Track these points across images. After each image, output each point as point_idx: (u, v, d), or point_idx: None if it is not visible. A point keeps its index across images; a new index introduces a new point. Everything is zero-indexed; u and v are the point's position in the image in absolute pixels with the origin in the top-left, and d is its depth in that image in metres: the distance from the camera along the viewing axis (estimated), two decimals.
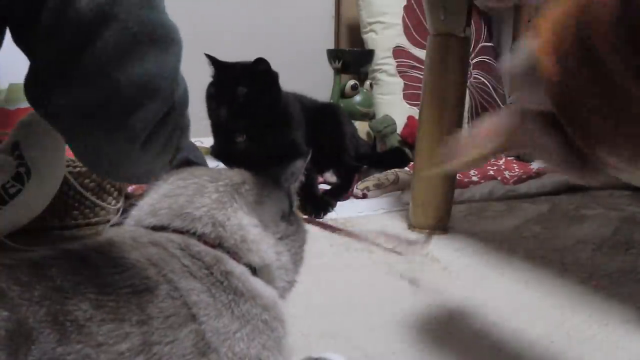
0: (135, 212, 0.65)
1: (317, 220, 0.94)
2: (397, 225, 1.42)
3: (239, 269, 0.60)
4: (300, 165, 0.70)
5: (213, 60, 1.57)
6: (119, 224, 0.69)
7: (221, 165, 1.58)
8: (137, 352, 0.47)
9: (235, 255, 0.61)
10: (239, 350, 0.54)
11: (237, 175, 0.68)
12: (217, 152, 1.68)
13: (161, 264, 0.54)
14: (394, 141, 2.10)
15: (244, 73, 1.55)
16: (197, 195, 0.64)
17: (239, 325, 0.55)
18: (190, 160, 0.74)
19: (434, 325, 0.91)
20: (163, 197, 0.65)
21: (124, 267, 0.52)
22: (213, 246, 0.60)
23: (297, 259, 0.70)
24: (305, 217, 0.94)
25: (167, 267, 0.54)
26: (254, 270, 0.63)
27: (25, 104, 1.40)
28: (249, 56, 1.79)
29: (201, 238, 0.61)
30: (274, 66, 1.63)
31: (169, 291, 0.52)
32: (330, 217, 1.49)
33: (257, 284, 0.61)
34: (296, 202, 0.71)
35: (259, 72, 1.54)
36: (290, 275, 0.69)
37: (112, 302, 0.48)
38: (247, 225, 0.64)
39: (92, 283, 0.49)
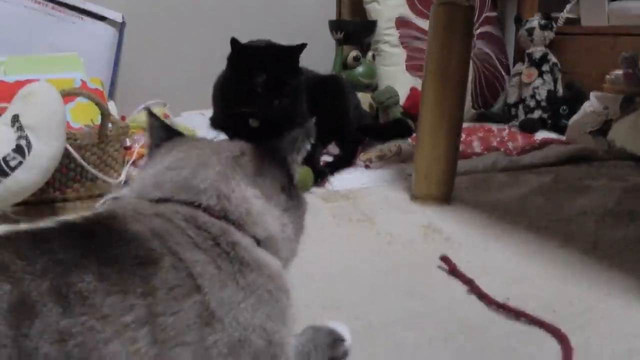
0: (136, 185, 0.65)
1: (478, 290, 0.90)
2: (399, 197, 1.42)
3: (245, 240, 0.60)
4: (299, 137, 0.69)
5: (240, 46, 1.53)
6: (116, 197, 0.68)
7: (222, 136, 1.57)
8: (142, 323, 0.47)
9: (240, 227, 0.61)
10: (243, 320, 0.54)
11: (236, 147, 0.68)
12: (218, 123, 1.67)
13: (165, 236, 0.54)
14: (396, 112, 2.08)
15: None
16: (200, 167, 0.64)
17: (244, 295, 0.55)
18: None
19: (436, 295, 0.92)
20: (166, 169, 0.64)
21: (127, 240, 0.52)
22: (218, 218, 0.60)
23: (298, 228, 0.70)
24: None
25: (172, 239, 0.54)
26: (258, 242, 0.63)
27: (24, 76, 1.39)
28: (250, 28, 1.77)
29: (206, 210, 0.60)
30: (275, 37, 1.61)
31: (173, 263, 0.52)
32: (333, 189, 1.49)
33: (262, 255, 0.61)
34: (297, 174, 0.71)
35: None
36: (293, 244, 0.69)
37: (115, 274, 0.48)
38: (250, 197, 0.64)
39: (95, 255, 0.49)
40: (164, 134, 0.71)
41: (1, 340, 0.41)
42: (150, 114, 0.72)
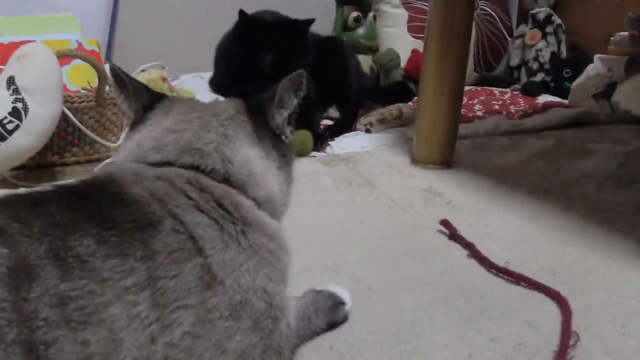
0: (133, 148, 0.63)
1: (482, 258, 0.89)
2: (400, 161, 1.41)
3: (247, 202, 0.60)
4: (279, 89, 0.65)
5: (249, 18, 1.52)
6: (114, 161, 0.66)
7: (221, 99, 1.56)
8: (142, 287, 0.47)
9: (242, 189, 0.61)
10: (244, 283, 0.54)
11: (230, 106, 0.67)
12: (218, 86, 1.66)
13: (165, 199, 0.54)
14: (397, 75, 2.05)
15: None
16: (203, 130, 0.63)
17: (246, 256, 0.55)
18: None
19: (436, 259, 0.92)
20: (167, 132, 0.63)
21: (126, 203, 0.52)
22: (220, 182, 0.60)
23: (289, 182, 0.70)
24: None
25: (172, 202, 0.54)
26: (258, 205, 0.62)
27: (19, 37, 1.37)
28: None
29: (210, 174, 0.60)
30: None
31: (174, 226, 0.52)
32: (333, 153, 1.48)
33: (263, 216, 0.62)
34: (289, 129, 0.69)
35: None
36: (286, 199, 0.69)
37: (115, 237, 0.48)
38: (253, 157, 0.63)
39: (93, 219, 0.48)
40: (145, 93, 0.68)
41: (0, 304, 0.41)
42: (120, 72, 0.66)
